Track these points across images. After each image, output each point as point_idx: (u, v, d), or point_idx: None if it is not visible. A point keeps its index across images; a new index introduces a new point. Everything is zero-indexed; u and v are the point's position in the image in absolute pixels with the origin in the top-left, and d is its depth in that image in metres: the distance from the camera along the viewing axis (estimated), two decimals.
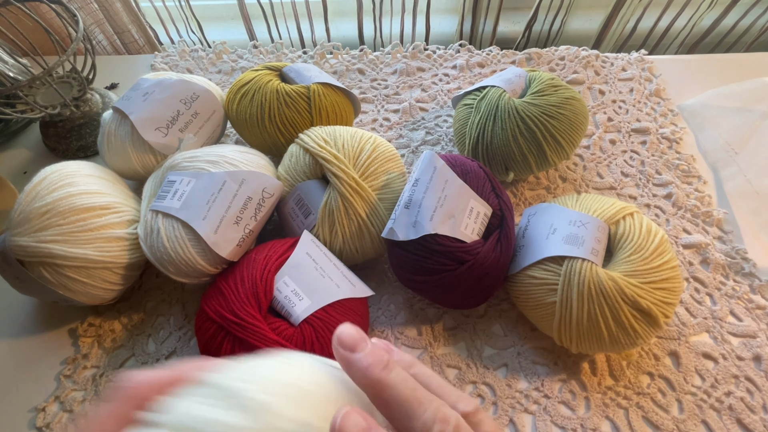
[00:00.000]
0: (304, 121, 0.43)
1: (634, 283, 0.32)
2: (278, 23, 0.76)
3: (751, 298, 0.40)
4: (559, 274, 0.34)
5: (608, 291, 0.32)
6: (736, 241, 0.44)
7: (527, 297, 0.36)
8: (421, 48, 0.62)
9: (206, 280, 0.38)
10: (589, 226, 0.35)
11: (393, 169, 0.40)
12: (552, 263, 0.34)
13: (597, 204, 0.37)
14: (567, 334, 0.34)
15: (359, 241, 0.37)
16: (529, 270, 0.35)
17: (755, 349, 0.37)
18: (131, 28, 0.69)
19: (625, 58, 0.60)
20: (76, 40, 0.44)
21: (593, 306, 0.32)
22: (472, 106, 0.45)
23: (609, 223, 0.36)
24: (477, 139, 0.43)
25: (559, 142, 0.40)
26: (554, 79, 0.44)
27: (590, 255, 0.33)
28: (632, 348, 0.34)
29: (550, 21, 0.77)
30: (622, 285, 0.32)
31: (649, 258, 0.33)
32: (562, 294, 0.33)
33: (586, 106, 0.43)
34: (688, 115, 0.55)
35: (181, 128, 0.42)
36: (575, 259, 0.33)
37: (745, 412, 0.34)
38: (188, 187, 0.36)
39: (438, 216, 0.34)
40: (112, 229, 0.36)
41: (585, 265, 0.33)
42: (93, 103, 0.51)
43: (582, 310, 0.32)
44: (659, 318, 0.32)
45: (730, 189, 0.48)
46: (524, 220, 0.39)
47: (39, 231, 0.34)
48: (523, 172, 0.43)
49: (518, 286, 0.36)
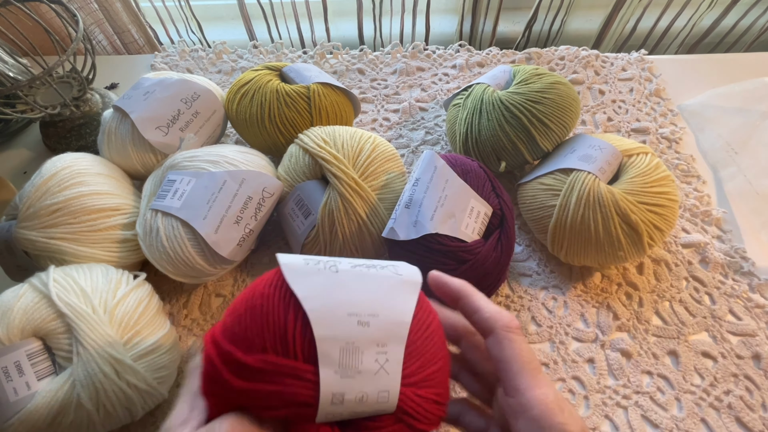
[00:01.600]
0: (304, 121, 0.43)
1: (629, 199, 0.36)
2: (278, 23, 0.76)
3: (750, 297, 0.40)
4: (565, 182, 0.38)
5: (604, 200, 0.36)
6: (735, 241, 0.44)
7: (533, 200, 0.40)
8: (421, 48, 0.62)
9: (205, 280, 0.38)
10: (605, 151, 0.39)
11: (393, 169, 0.40)
12: (562, 174, 0.39)
13: (619, 141, 0.41)
14: (559, 236, 0.38)
15: (359, 241, 0.37)
16: (541, 178, 0.40)
17: (754, 347, 0.37)
18: (131, 28, 0.69)
19: (625, 58, 0.60)
20: (76, 40, 0.44)
21: (588, 210, 0.36)
22: (459, 105, 0.46)
23: (624, 155, 0.39)
24: (466, 135, 0.44)
25: (548, 125, 0.41)
26: (538, 68, 0.44)
27: (598, 172, 0.37)
28: (614, 263, 0.39)
29: (550, 21, 0.77)
30: (618, 198, 0.36)
31: (650, 184, 0.37)
32: (563, 198, 0.37)
33: (574, 89, 0.43)
34: (688, 115, 0.55)
35: (182, 127, 0.42)
36: (583, 171, 0.37)
37: (745, 410, 0.34)
38: (188, 187, 0.36)
39: (438, 215, 0.34)
40: (119, 230, 0.37)
41: (589, 177, 0.37)
42: (93, 103, 0.51)
43: (577, 212, 0.36)
44: (644, 236, 0.36)
45: (729, 189, 0.48)
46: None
47: (49, 227, 0.34)
48: (515, 159, 0.43)
49: (527, 190, 0.41)
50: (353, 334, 0.20)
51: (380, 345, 0.20)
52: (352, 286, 0.21)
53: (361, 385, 0.19)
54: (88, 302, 0.30)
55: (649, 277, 0.41)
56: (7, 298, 0.31)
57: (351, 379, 0.19)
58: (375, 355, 0.20)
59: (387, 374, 0.20)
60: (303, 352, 0.19)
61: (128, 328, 0.31)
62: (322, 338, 0.19)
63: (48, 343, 0.30)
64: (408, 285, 0.23)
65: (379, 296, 0.21)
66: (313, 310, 0.20)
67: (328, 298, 0.21)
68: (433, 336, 0.22)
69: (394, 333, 0.21)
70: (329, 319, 0.20)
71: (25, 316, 0.30)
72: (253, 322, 0.20)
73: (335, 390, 0.19)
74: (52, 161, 0.37)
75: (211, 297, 0.41)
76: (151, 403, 0.31)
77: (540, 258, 0.43)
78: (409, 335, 0.21)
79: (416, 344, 0.21)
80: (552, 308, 0.40)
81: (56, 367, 0.29)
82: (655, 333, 0.38)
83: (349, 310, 0.20)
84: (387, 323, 0.21)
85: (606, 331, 0.38)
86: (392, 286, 0.22)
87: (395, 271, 0.23)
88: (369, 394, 0.20)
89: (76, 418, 0.28)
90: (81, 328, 0.29)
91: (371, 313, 0.21)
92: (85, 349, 0.29)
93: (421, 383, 0.21)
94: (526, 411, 0.21)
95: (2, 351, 0.28)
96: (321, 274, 0.21)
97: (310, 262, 0.22)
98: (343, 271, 0.22)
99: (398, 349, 0.21)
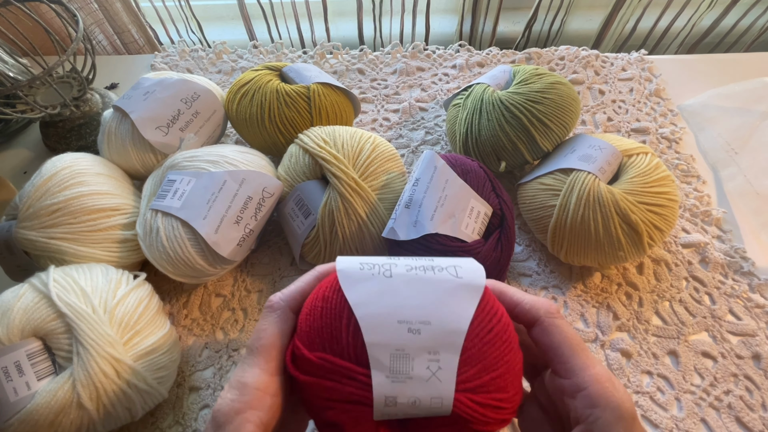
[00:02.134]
0: (304, 121, 0.43)
1: (629, 199, 0.36)
2: (278, 23, 0.76)
3: (750, 297, 0.40)
4: (565, 182, 0.38)
5: (604, 200, 0.36)
6: (735, 241, 0.44)
7: (533, 200, 0.40)
8: (421, 48, 0.62)
9: (205, 280, 0.38)
10: (605, 151, 0.39)
11: (393, 169, 0.40)
12: (562, 174, 0.39)
13: (619, 141, 0.41)
14: (559, 236, 0.38)
15: (359, 241, 0.37)
16: (541, 178, 0.40)
17: (754, 347, 0.37)
18: (131, 28, 0.69)
19: (625, 58, 0.60)
20: (76, 40, 0.44)
21: (588, 210, 0.36)
22: (459, 105, 0.46)
23: (624, 155, 0.40)
24: (466, 135, 0.44)
25: (548, 125, 0.41)
26: (538, 68, 0.44)
27: (598, 172, 0.37)
28: (614, 263, 0.39)
29: (549, 21, 0.77)
30: (618, 198, 0.36)
31: (650, 184, 0.37)
32: (563, 198, 0.37)
33: (574, 89, 0.43)
34: (688, 115, 0.55)
35: (182, 127, 0.42)
36: (583, 171, 0.37)
37: (744, 410, 0.34)
38: (188, 187, 0.36)
39: (439, 215, 0.34)
40: (119, 230, 0.37)
41: (589, 177, 0.37)
42: (93, 103, 0.51)
43: (577, 212, 0.36)
44: (644, 236, 0.36)
45: (729, 189, 0.48)
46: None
47: (49, 227, 0.34)
48: (515, 159, 0.43)
49: (527, 190, 0.41)
50: (403, 342, 0.20)
51: (432, 353, 0.20)
52: (404, 293, 0.22)
53: (412, 391, 0.20)
54: (88, 302, 0.30)
55: (649, 277, 0.41)
56: (7, 298, 0.31)
57: (402, 384, 0.20)
58: (426, 363, 0.20)
59: (440, 381, 0.20)
60: (356, 356, 0.20)
61: (128, 328, 0.31)
62: (372, 344, 0.20)
63: (48, 343, 0.30)
64: (467, 289, 0.23)
65: (433, 302, 0.22)
66: (364, 318, 0.21)
67: (378, 306, 0.21)
68: (495, 340, 0.22)
69: (448, 341, 0.21)
70: (379, 326, 0.21)
71: (25, 316, 0.30)
72: (315, 322, 0.22)
73: (387, 393, 0.20)
74: (52, 161, 0.37)
75: (211, 297, 0.41)
76: (151, 403, 0.31)
77: (540, 258, 0.43)
78: (466, 341, 0.21)
79: (473, 350, 0.21)
80: None
81: (56, 367, 0.29)
82: (655, 333, 0.38)
83: (399, 318, 0.21)
84: (439, 331, 0.21)
85: (606, 331, 0.38)
86: (448, 290, 0.22)
87: (455, 273, 0.23)
88: (421, 399, 0.20)
89: (76, 418, 0.28)
90: (81, 328, 0.29)
91: (423, 321, 0.21)
92: (85, 349, 0.29)
93: (479, 389, 0.21)
94: (582, 390, 0.22)
95: (2, 351, 0.28)
96: (374, 279, 0.22)
97: (365, 266, 0.23)
98: (396, 275, 0.23)
99: (452, 357, 0.21)
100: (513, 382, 0.22)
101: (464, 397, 0.20)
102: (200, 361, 0.37)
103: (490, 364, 0.21)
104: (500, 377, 0.21)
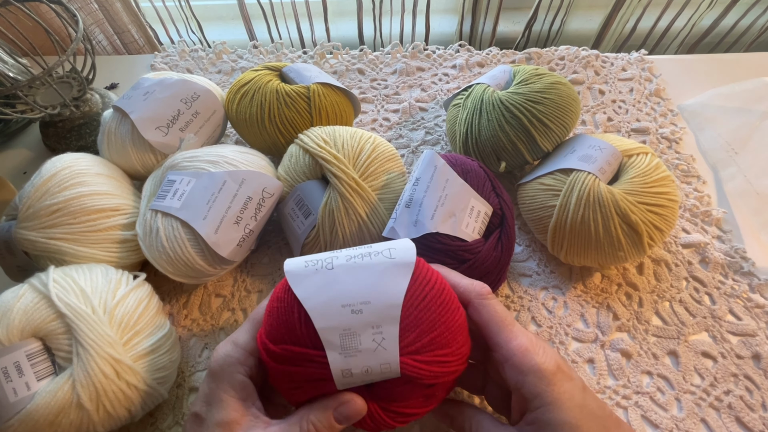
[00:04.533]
0: (304, 121, 0.43)
1: (629, 199, 0.36)
2: (278, 23, 0.76)
3: (750, 297, 0.40)
4: (565, 183, 0.38)
5: (604, 201, 0.36)
6: (735, 241, 0.44)
7: (533, 200, 0.40)
8: (421, 48, 0.62)
9: (205, 280, 0.38)
10: (605, 151, 0.39)
11: (393, 168, 0.40)
12: (562, 174, 0.39)
13: (619, 141, 0.41)
14: (559, 237, 0.38)
15: (359, 241, 0.37)
16: (541, 178, 0.40)
17: (754, 347, 0.37)
18: (131, 28, 0.69)
19: (625, 58, 0.60)
20: (76, 40, 0.44)
21: (588, 211, 0.36)
22: (459, 105, 0.46)
23: (624, 155, 0.40)
24: (466, 135, 0.44)
25: (548, 126, 0.41)
26: (538, 68, 0.44)
27: (598, 172, 0.37)
28: (614, 263, 0.39)
29: (549, 21, 0.77)
30: (618, 198, 0.36)
31: (650, 184, 0.37)
32: (563, 198, 0.37)
33: (574, 89, 0.43)
34: (688, 115, 0.55)
35: (182, 128, 0.42)
36: (583, 171, 0.37)
37: (745, 410, 0.34)
38: (188, 187, 0.36)
39: (439, 215, 0.34)
40: (119, 230, 0.37)
41: (590, 177, 0.37)
42: (93, 103, 0.51)
43: (577, 213, 0.36)
44: (644, 236, 0.36)
45: (730, 189, 0.48)
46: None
47: (49, 228, 0.34)
48: (515, 159, 0.43)
49: (527, 191, 0.41)
50: (348, 322, 0.24)
51: (375, 327, 0.24)
52: (345, 280, 0.25)
53: (364, 361, 0.24)
54: (88, 302, 0.30)
55: (649, 278, 0.41)
56: (7, 299, 0.31)
57: (353, 357, 0.23)
58: (371, 336, 0.24)
59: (385, 350, 0.24)
60: (311, 341, 0.24)
61: (128, 329, 0.31)
62: (323, 329, 0.24)
63: (48, 344, 0.30)
64: (400, 266, 0.26)
65: (371, 284, 0.25)
66: (312, 309, 0.24)
67: (323, 295, 0.24)
68: (430, 305, 0.25)
69: (387, 314, 0.24)
70: (326, 313, 0.24)
71: (24, 316, 0.30)
72: (274, 321, 0.25)
73: (342, 367, 0.23)
74: (52, 161, 0.37)
75: (211, 297, 0.41)
76: (151, 404, 0.31)
77: (540, 258, 0.43)
78: (403, 311, 0.24)
79: (411, 318, 0.24)
80: (552, 308, 0.40)
81: (56, 368, 0.29)
82: (655, 333, 0.38)
83: (342, 302, 0.24)
84: (379, 307, 0.24)
85: (606, 332, 0.38)
86: (383, 271, 0.25)
87: (389, 255, 0.26)
88: (372, 367, 0.24)
89: (75, 419, 0.28)
90: (81, 329, 0.29)
91: (363, 302, 0.24)
92: (85, 349, 0.29)
93: (422, 350, 0.24)
94: (508, 360, 0.25)
95: (2, 351, 0.28)
96: (318, 273, 0.25)
97: (309, 263, 0.26)
98: (337, 266, 0.26)
99: (392, 328, 0.24)
100: (455, 338, 0.25)
101: (409, 359, 0.24)
102: (200, 361, 0.37)
103: (428, 327, 0.24)
104: (440, 336, 0.25)
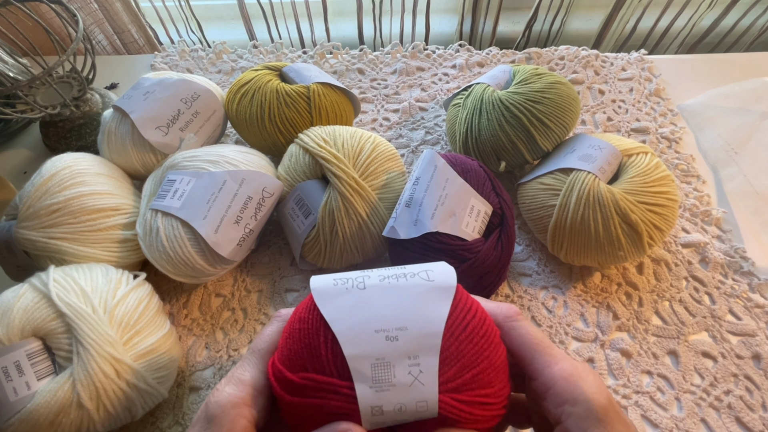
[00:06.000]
0: (304, 120, 0.43)
1: (629, 199, 0.36)
2: (278, 23, 0.76)
3: (750, 297, 0.40)
4: (565, 182, 0.38)
5: (604, 200, 0.36)
6: (735, 241, 0.44)
7: (533, 200, 0.40)
8: (421, 48, 0.62)
9: (205, 280, 0.38)
10: (605, 151, 0.39)
11: (393, 168, 0.40)
12: (562, 173, 0.39)
13: (619, 141, 0.41)
14: (559, 236, 0.38)
15: (360, 241, 0.37)
16: (541, 178, 0.40)
17: (754, 347, 0.37)
18: (131, 28, 0.69)
19: (625, 58, 0.60)
20: (76, 40, 0.44)
21: (588, 210, 0.36)
22: (459, 104, 0.46)
23: (624, 155, 0.40)
24: (466, 135, 0.44)
25: (548, 125, 0.41)
26: (538, 68, 0.44)
27: (598, 172, 0.37)
28: (614, 263, 0.39)
29: (550, 21, 0.77)
30: (618, 198, 0.36)
31: (650, 183, 0.37)
32: (563, 198, 0.37)
33: (574, 89, 0.43)
34: (688, 115, 0.55)
35: (182, 127, 0.42)
36: (583, 171, 0.37)
37: (744, 410, 0.34)
38: (188, 187, 0.36)
39: (439, 214, 0.34)
40: (119, 230, 0.37)
41: (589, 176, 0.37)
42: (93, 103, 0.51)
43: (577, 212, 0.37)
44: (644, 236, 0.36)
45: (729, 189, 0.48)
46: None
47: (49, 227, 0.34)
48: (515, 159, 0.43)
49: (527, 190, 0.41)
50: (382, 350, 0.20)
51: (411, 357, 0.20)
52: (379, 302, 0.22)
53: (397, 397, 0.20)
54: (88, 302, 0.30)
55: (649, 277, 0.41)
56: (7, 298, 0.31)
57: (386, 392, 0.20)
58: (408, 368, 0.20)
59: (422, 385, 0.20)
60: (338, 370, 0.20)
61: (128, 328, 0.31)
62: (352, 356, 0.20)
63: (48, 343, 0.30)
64: (440, 290, 0.23)
65: (408, 308, 0.22)
66: (341, 332, 0.21)
67: (354, 318, 0.21)
68: (472, 336, 0.22)
69: (425, 344, 0.21)
70: (357, 338, 0.21)
71: (25, 316, 0.30)
72: (294, 344, 0.22)
73: (373, 403, 0.20)
74: (52, 161, 0.37)
75: (211, 297, 0.41)
76: (151, 403, 0.31)
77: (540, 258, 0.43)
78: (444, 341, 0.21)
79: (451, 349, 0.21)
80: (552, 308, 0.40)
81: (56, 367, 0.29)
82: (655, 333, 0.38)
83: (376, 327, 0.21)
84: (416, 335, 0.21)
85: (606, 331, 0.38)
86: (421, 294, 0.22)
87: (427, 277, 0.23)
88: (407, 405, 0.20)
89: (76, 418, 0.28)
90: (81, 328, 0.29)
91: (399, 327, 0.21)
92: (85, 349, 0.29)
93: (462, 388, 0.21)
94: (549, 389, 0.21)
95: (2, 351, 0.28)
96: (348, 293, 0.22)
97: (338, 282, 0.23)
98: (370, 286, 0.23)
99: (431, 360, 0.21)
100: (497, 376, 0.22)
101: (448, 398, 0.20)
102: (200, 361, 0.37)
103: (470, 361, 0.21)
104: (482, 373, 0.21)
